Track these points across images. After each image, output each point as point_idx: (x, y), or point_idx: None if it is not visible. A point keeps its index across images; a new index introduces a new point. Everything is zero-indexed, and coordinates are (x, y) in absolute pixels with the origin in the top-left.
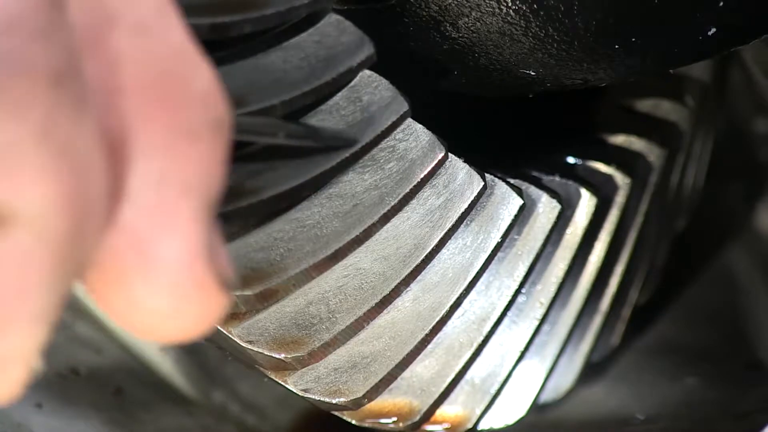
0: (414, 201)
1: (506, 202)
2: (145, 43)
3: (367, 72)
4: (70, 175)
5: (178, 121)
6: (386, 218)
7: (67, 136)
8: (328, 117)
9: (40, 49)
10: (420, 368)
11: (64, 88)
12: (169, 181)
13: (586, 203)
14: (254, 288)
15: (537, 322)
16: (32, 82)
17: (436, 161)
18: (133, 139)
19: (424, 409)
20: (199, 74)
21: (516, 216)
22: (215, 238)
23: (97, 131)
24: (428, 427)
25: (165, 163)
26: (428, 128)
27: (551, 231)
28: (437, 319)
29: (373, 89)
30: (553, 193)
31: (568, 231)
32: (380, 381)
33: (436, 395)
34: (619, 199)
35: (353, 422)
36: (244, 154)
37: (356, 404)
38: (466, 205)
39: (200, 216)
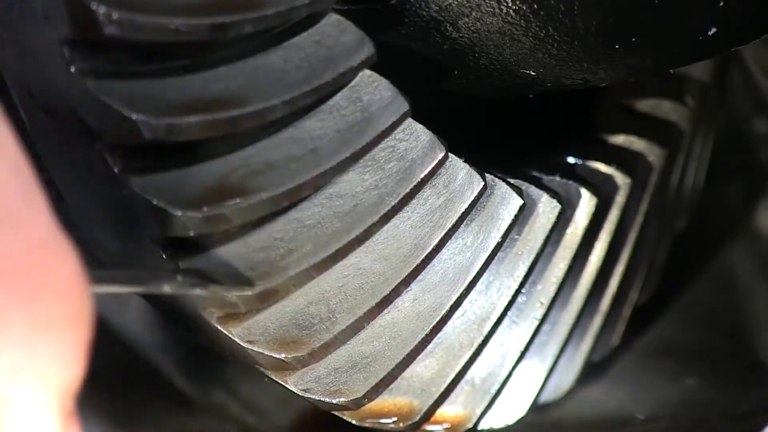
0: (414, 201)
1: (506, 202)
2: (5, 234)
3: (368, 72)
4: None
5: (34, 314)
6: (386, 218)
7: None
8: (328, 117)
9: None
10: (420, 368)
11: None
12: (21, 375)
13: (586, 203)
14: (254, 288)
15: (537, 322)
16: None
17: (436, 161)
18: None
19: (425, 409)
20: (62, 265)
21: (516, 216)
22: (72, 428)
23: None
24: (428, 427)
25: (18, 357)
26: (428, 128)
27: (551, 231)
28: (437, 319)
29: (374, 89)
30: (553, 193)
31: (568, 231)
32: (380, 381)
33: (437, 395)
34: (619, 199)
35: (353, 422)
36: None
37: (356, 404)
38: (466, 205)
39: (55, 408)
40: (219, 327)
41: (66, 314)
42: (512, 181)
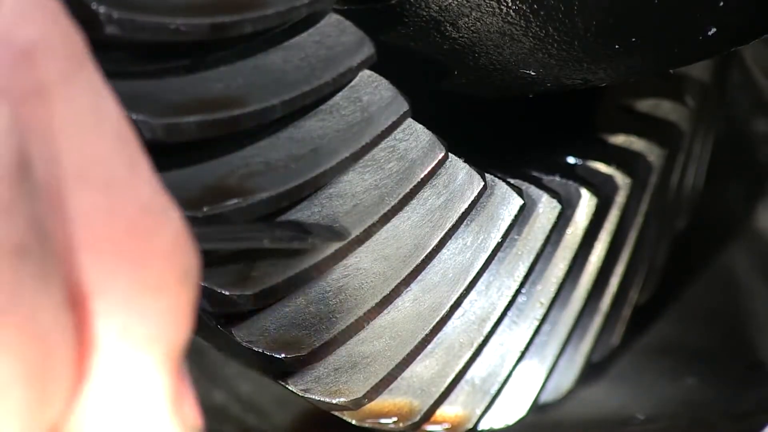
0: (414, 201)
1: (506, 202)
2: (110, 199)
3: (367, 72)
4: (34, 346)
5: (142, 276)
6: (386, 218)
7: (31, 308)
8: (328, 117)
9: (3, 224)
10: (420, 368)
11: (28, 260)
12: (131, 335)
13: (586, 203)
14: (254, 288)
15: (537, 322)
16: None
17: (436, 161)
18: (96, 295)
19: (425, 409)
20: (166, 227)
21: (516, 216)
22: (182, 387)
23: (62, 297)
24: (428, 427)
25: (127, 318)
26: (428, 128)
27: (551, 231)
28: (437, 319)
29: (373, 89)
30: (553, 193)
31: (568, 231)
32: (380, 381)
33: (437, 395)
34: (619, 199)
35: (353, 422)
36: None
37: (356, 404)
38: (466, 205)
39: (164, 367)
40: (219, 327)
41: (173, 274)
42: (512, 181)
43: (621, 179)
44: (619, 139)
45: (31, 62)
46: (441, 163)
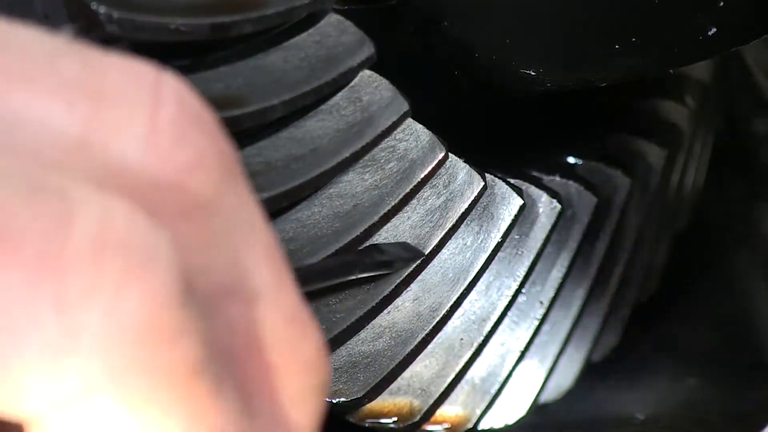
0: (414, 201)
1: (506, 202)
2: (258, 312)
3: (368, 72)
4: None
5: (283, 388)
6: (386, 218)
7: (214, 421)
8: (328, 117)
9: (179, 347)
10: (420, 368)
11: (205, 376)
12: None
13: (586, 203)
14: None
15: (537, 322)
16: (173, 385)
17: (436, 161)
18: (250, 402)
19: (425, 409)
20: (308, 341)
21: (516, 216)
22: None
23: (240, 405)
24: (428, 427)
25: (272, 428)
26: (428, 128)
27: (551, 231)
28: (437, 319)
29: (374, 89)
30: (553, 193)
31: (568, 231)
32: (380, 381)
33: (437, 395)
34: (619, 199)
35: (353, 422)
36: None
37: (356, 404)
38: (466, 205)
39: None
40: None
41: (311, 387)
42: (512, 181)
43: (621, 179)
44: (619, 139)
45: (188, 181)
46: (441, 163)
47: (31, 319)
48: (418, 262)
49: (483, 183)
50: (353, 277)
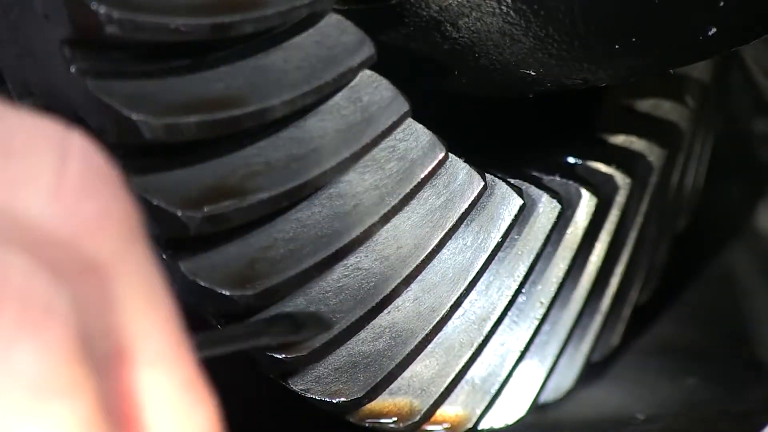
0: (414, 201)
1: (506, 202)
2: (151, 377)
3: (368, 72)
4: None
5: None
6: (386, 218)
7: None
8: (328, 117)
9: (73, 404)
10: (420, 368)
11: None
12: None
13: (586, 203)
14: (255, 288)
15: (537, 322)
16: None
17: (436, 161)
18: None
19: (425, 409)
20: (201, 409)
21: (516, 216)
22: None
23: None
24: (428, 427)
25: None
26: (428, 128)
27: (551, 231)
28: (437, 319)
29: (374, 89)
30: (553, 193)
31: (568, 231)
32: (380, 381)
33: (437, 395)
34: (619, 199)
35: (353, 422)
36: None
37: (356, 404)
38: (466, 205)
39: None
40: (219, 327)
41: None
42: (512, 181)
43: (621, 179)
44: (619, 139)
45: (90, 239)
46: (441, 163)
47: None
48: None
49: (483, 183)
50: (258, 345)
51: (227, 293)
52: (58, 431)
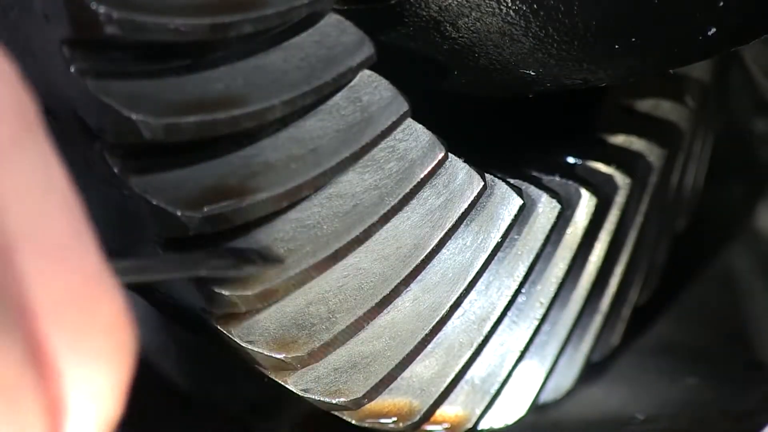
0: (414, 201)
1: (506, 202)
2: (56, 266)
3: (367, 72)
4: (6, 407)
5: (81, 347)
6: (386, 218)
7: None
8: (328, 117)
9: None
10: (420, 368)
11: None
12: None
13: (586, 203)
14: (254, 288)
15: (537, 322)
16: None
17: (436, 161)
18: (45, 356)
19: (424, 409)
20: (107, 302)
21: (516, 216)
22: None
23: (24, 352)
24: (428, 427)
25: (60, 391)
26: (428, 128)
27: (551, 231)
28: (437, 319)
29: (373, 89)
30: (553, 193)
31: (568, 231)
32: (380, 381)
33: (436, 395)
34: (619, 199)
35: (353, 422)
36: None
37: (356, 404)
38: (466, 205)
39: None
40: (219, 327)
41: (110, 350)
42: (512, 181)
43: (621, 179)
44: (619, 139)
45: None
46: (441, 163)
47: None
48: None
49: (483, 183)
50: (200, 275)
51: (227, 293)
52: None
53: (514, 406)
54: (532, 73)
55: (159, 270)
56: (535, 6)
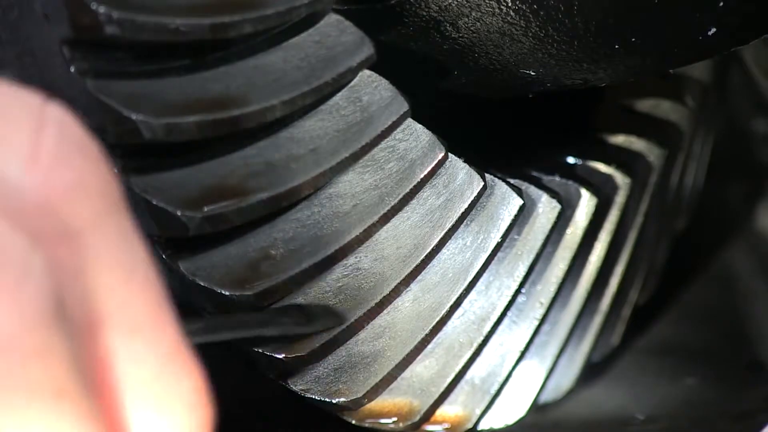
0: (414, 201)
1: (506, 202)
2: (137, 345)
3: (367, 72)
4: None
5: (162, 425)
6: (386, 218)
7: None
8: (328, 117)
9: (43, 367)
10: (420, 368)
11: (69, 402)
12: None
13: (586, 203)
14: (254, 288)
15: (537, 322)
16: (32, 401)
17: (436, 161)
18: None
19: (424, 409)
20: (187, 379)
21: (516, 216)
22: None
23: None
24: (428, 427)
25: None
26: (428, 128)
27: (551, 231)
28: (437, 319)
29: (373, 89)
30: (553, 193)
31: (568, 231)
32: (380, 381)
33: (436, 395)
34: (619, 199)
35: (353, 422)
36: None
37: (356, 404)
38: (466, 205)
39: None
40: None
41: (188, 427)
42: (512, 181)
43: (621, 179)
44: (619, 139)
45: (67, 206)
46: (441, 163)
47: None
48: (343, 327)
49: (483, 183)
50: (265, 334)
51: (227, 293)
52: (30, 392)
53: (514, 406)
54: (532, 73)
55: (229, 329)
56: (535, 6)
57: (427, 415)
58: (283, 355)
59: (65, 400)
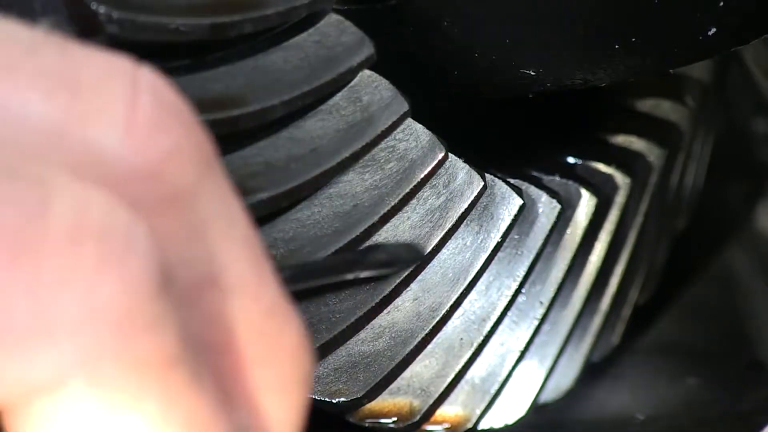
0: (414, 201)
1: (506, 202)
2: (239, 303)
3: (367, 72)
4: None
5: (263, 381)
6: (386, 218)
7: (189, 411)
8: (328, 117)
9: (154, 339)
10: (420, 368)
11: (180, 368)
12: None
13: (586, 203)
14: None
15: (537, 322)
16: (147, 374)
17: (436, 161)
18: (228, 393)
19: (424, 409)
20: (288, 334)
21: (516, 216)
22: None
23: (217, 398)
24: (428, 427)
25: (250, 419)
26: (428, 128)
27: (551, 231)
28: (437, 319)
29: (373, 89)
30: (553, 193)
31: (568, 231)
32: (380, 381)
33: (436, 395)
34: (619, 199)
35: (353, 422)
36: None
37: (356, 404)
38: (466, 205)
39: None
40: None
41: (293, 378)
42: (512, 181)
43: (621, 179)
44: (619, 139)
45: (168, 172)
46: (441, 163)
47: (4, 303)
48: (419, 262)
49: (483, 183)
50: (354, 276)
51: None
52: (145, 365)
53: (514, 406)
54: (532, 73)
55: (320, 274)
56: (535, 6)
57: (427, 415)
58: None
59: (179, 369)
